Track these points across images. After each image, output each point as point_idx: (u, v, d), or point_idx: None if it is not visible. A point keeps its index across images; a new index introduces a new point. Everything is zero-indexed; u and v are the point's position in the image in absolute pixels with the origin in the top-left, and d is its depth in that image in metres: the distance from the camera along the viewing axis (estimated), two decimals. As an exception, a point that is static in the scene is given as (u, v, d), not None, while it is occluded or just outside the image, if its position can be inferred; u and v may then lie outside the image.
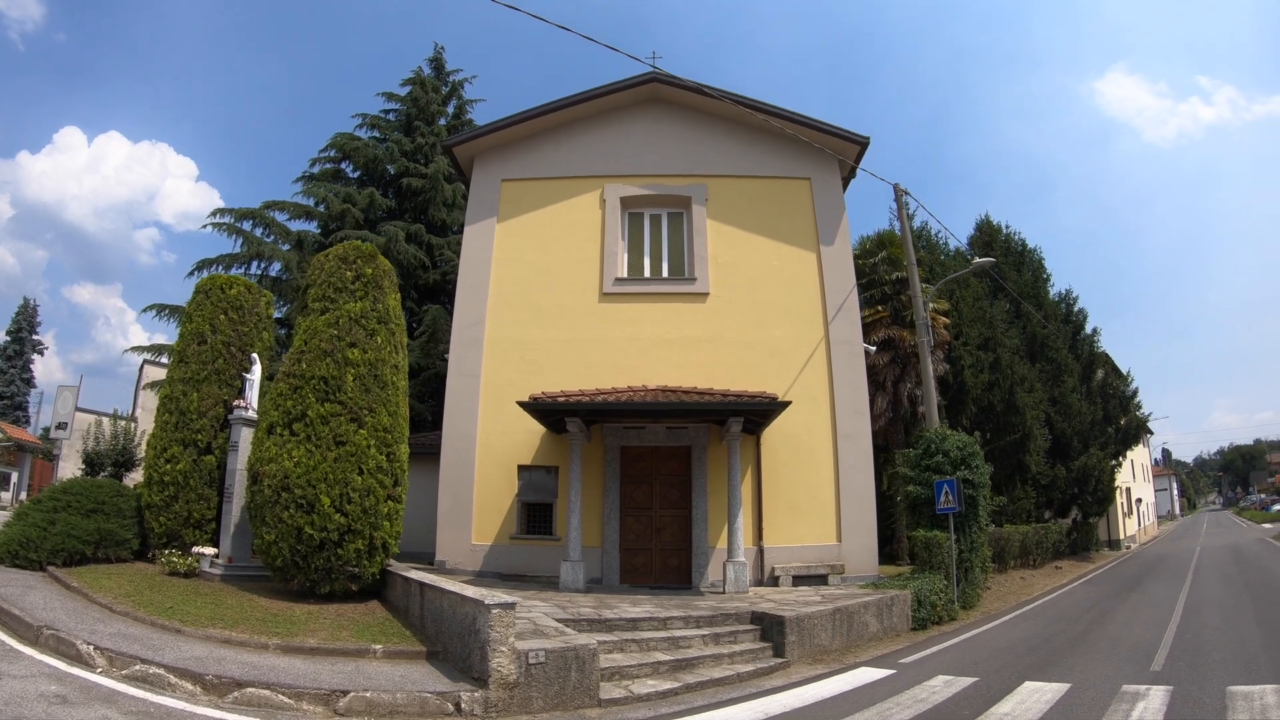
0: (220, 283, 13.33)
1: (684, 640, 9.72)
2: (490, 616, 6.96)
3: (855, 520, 15.24)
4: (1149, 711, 7.02)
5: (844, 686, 8.35)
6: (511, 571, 14.32)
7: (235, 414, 11.96)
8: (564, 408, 13.21)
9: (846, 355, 16.12)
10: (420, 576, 9.58)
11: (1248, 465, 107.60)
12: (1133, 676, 8.51)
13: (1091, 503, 24.47)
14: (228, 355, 12.68)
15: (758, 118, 16.96)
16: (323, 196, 19.88)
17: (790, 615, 10.07)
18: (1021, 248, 27.01)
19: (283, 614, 9.11)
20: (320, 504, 9.75)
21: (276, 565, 10.09)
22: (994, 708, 7.26)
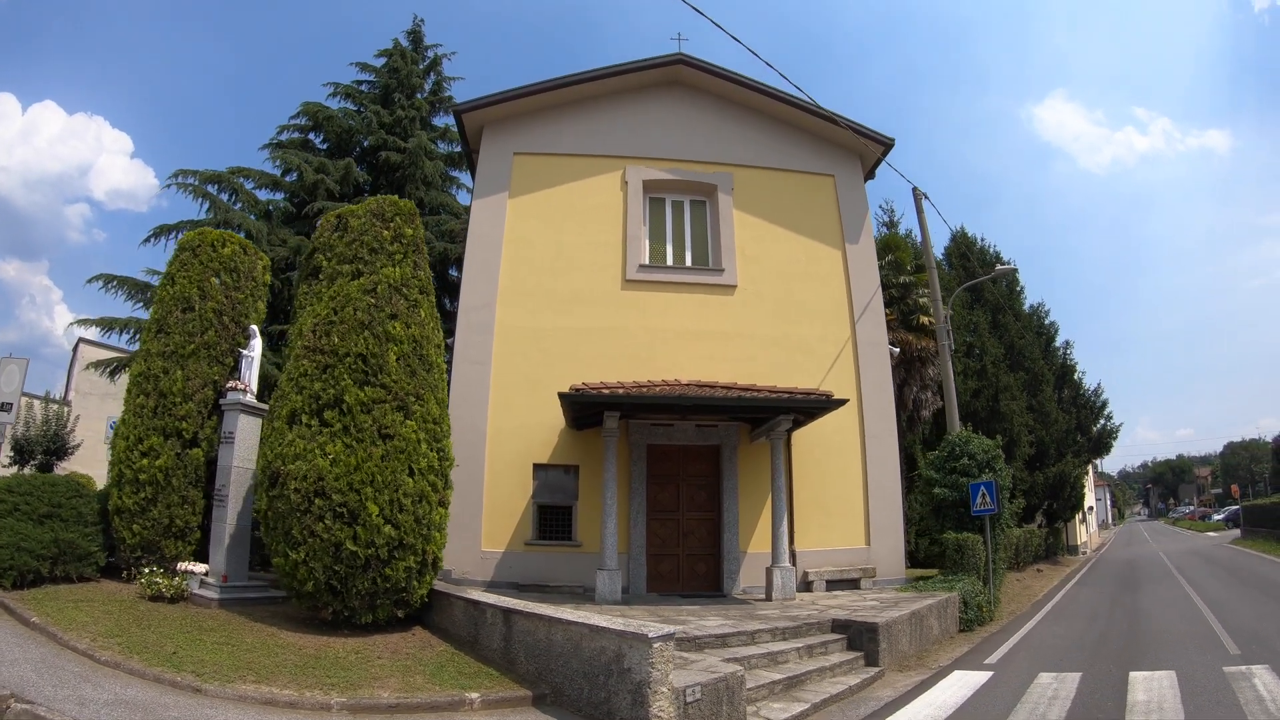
0: (211, 239, 11.30)
1: (781, 655, 8.78)
2: (652, 652, 5.81)
3: (883, 523, 14.75)
4: (1266, 687, 7.21)
5: (964, 692, 7.85)
6: (528, 581, 12.97)
7: (230, 398, 10.11)
8: (609, 400, 12.00)
9: (873, 356, 15.62)
10: (496, 600, 8.21)
11: (1177, 478, 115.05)
12: (1224, 660, 8.60)
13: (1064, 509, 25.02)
14: (219, 326, 10.80)
15: (780, 109, 16.35)
16: (295, 165, 17.89)
17: (882, 623, 9.34)
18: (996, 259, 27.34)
19: (323, 654, 7.44)
20: (366, 513, 8.13)
21: (306, 590, 8.25)
22: (1129, 698, 7.17)
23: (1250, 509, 37.01)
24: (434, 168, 19.60)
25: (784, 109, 16.29)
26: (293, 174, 18.64)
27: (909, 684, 8.44)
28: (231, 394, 10.10)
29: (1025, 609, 14.61)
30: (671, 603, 12.31)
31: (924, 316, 19.59)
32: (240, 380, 10.28)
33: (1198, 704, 6.76)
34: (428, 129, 20.67)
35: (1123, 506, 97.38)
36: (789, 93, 15.99)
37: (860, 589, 13.81)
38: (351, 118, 19.96)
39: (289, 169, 18.62)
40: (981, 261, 25.91)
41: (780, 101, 16.09)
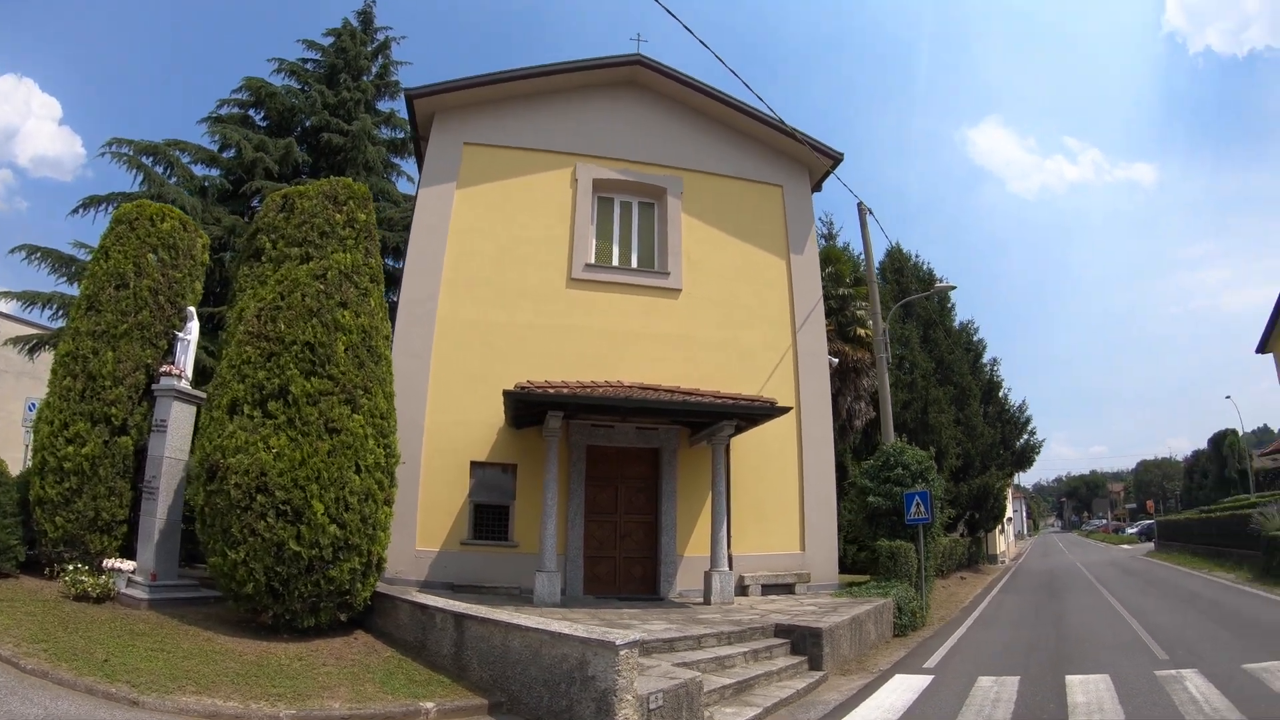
0: (150, 212, 10.66)
1: (728, 660, 8.81)
2: (618, 660, 5.71)
3: (819, 529, 15.03)
4: (1199, 689, 7.48)
5: (909, 696, 8.01)
6: (464, 582, 12.66)
7: (164, 383, 9.53)
8: (555, 400, 11.82)
9: (813, 365, 15.91)
10: (446, 604, 7.96)
11: (1091, 492, 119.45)
12: (1154, 665, 8.92)
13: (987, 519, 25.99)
14: (155, 306, 10.19)
15: (733, 117, 16.50)
16: (234, 141, 16.99)
17: (825, 627, 9.47)
18: (930, 275, 28.22)
19: (265, 661, 7.02)
20: (311, 511, 7.75)
21: (244, 592, 7.77)
22: (1069, 700, 7.38)
23: (1164, 524, 38.98)
24: (376, 153, 19.00)
25: (738, 117, 16.42)
26: (231, 150, 17.75)
27: (853, 688, 8.56)
28: (165, 379, 9.51)
29: (955, 615, 15.04)
30: (610, 605, 12.23)
31: (861, 329, 20.06)
32: (175, 365, 9.69)
33: (1135, 705, 7.03)
34: (372, 113, 19.98)
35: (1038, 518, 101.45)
36: (743, 101, 16.17)
37: (795, 594, 14.01)
38: (295, 96, 19.13)
39: (227, 145, 17.73)
40: (915, 278, 26.73)
41: (735, 109, 16.22)
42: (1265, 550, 18.59)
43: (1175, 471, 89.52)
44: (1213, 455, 60.58)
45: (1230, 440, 56.81)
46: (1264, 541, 18.71)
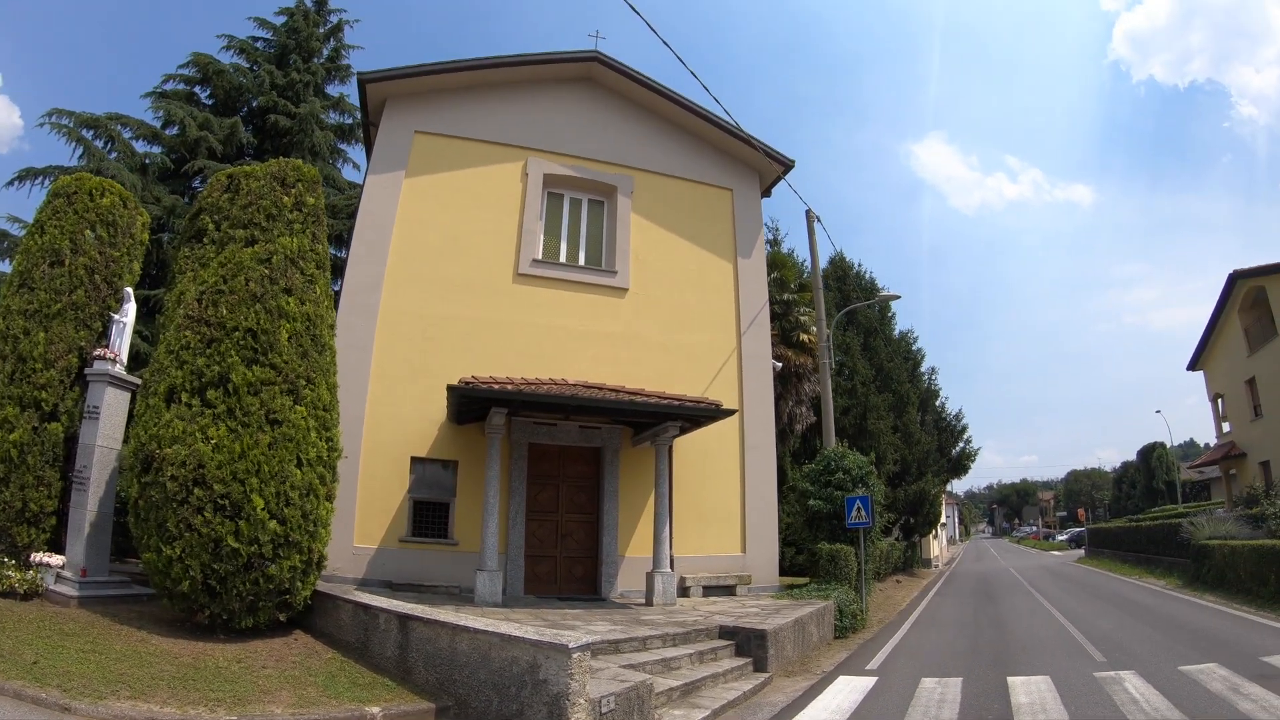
0: (89, 186, 10.10)
1: (674, 661, 8.80)
2: (570, 663, 5.64)
3: (760, 531, 15.19)
4: (1138, 690, 7.72)
5: (855, 697, 8.10)
6: (403, 580, 12.37)
7: (98, 367, 9.05)
8: (500, 396, 11.64)
9: (757, 369, 16.08)
10: (390, 604, 7.73)
11: (1021, 500, 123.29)
12: (1093, 667, 9.18)
13: (923, 524, 26.67)
14: (90, 286, 9.65)
15: (687, 119, 16.58)
16: (178, 118, 16.28)
17: (770, 629, 9.55)
18: (871, 285, 28.79)
19: (202, 663, 6.66)
20: (251, 506, 7.44)
21: (180, 590, 7.38)
22: (1012, 700, 7.54)
23: (1095, 531, 40.37)
24: (324, 138, 18.51)
25: (691, 119, 16.51)
26: (174, 127, 17.10)
27: (798, 689, 8.63)
28: (99, 363, 9.01)
29: (893, 617, 15.33)
30: (551, 606, 12.12)
31: (804, 334, 20.35)
32: (110, 348, 9.20)
33: (1078, 705, 7.23)
34: (321, 97, 19.44)
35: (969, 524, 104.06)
36: (697, 104, 16.36)
37: (736, 595, 14.13)
38: (243, 75, 18.50)
39: (171, 121, 17.06)
40: (857, 286, 27.26)
41: (689, 111, 16.32)
42: (1194, 558, 19.36)
43: (1104, 481, 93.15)
44: (1141, 467, 62.88)
45: (1159, 453, 59.22)
46: (1194, 550, 19.49)
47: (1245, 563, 15.87)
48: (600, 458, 14.34)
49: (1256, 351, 27.36)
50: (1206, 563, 18.30)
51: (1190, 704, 7.03)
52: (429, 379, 13.18)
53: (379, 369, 13.40)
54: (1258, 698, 7.13)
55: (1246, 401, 28.64)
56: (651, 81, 16.05)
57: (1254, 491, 21.58)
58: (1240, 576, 15.97)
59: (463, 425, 13.38)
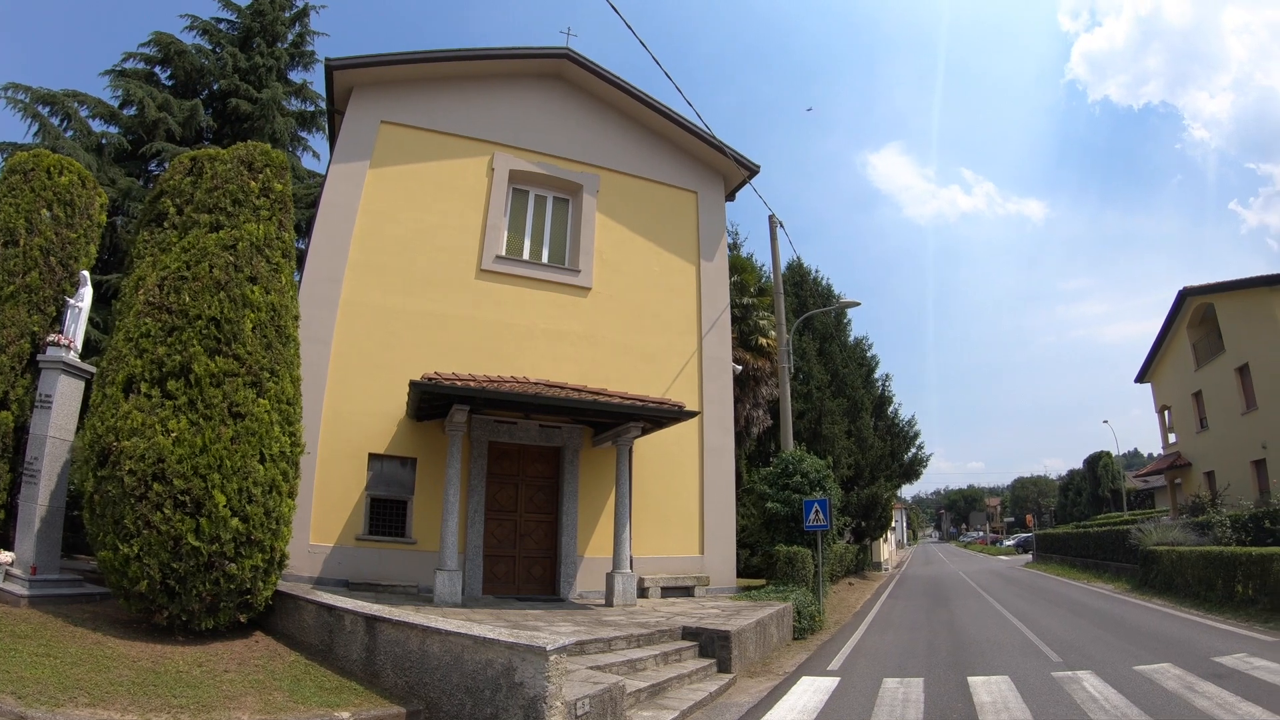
0: (47, 164, 9.63)
1: (639, 663, 8.79)
2: (548, 665, 5.60)
3: (718, 533, 15.32)
4: (1096, 689, 7.89)
5: (820, 697, 8.17)
6: (360, 579, 12.15)
7: (51, 354, 8.63)
8: (464, 393, 11.48)
9: (717, 371, 16.20)
10: (355, 605, 7.54)
11: (969, 505, 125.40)
12: (1050, 667, 9.33)
13: (875, 527, 27.13)
14: (45, 268, 9.20)
15: (655, 120, 16.64)
16: (138, 97, 15.62)
17: (734, 630, 9.62)
18: (828, 291, 29.21)
19: (162, 667, 6.37)
20: (212, 502, 7.18)
21: (137, 590, 7.06)
22: (975, 699, 7.69)
23: (1042, 536, 41.23)
24: (285, 125, 17.99)
25: (658, 120, 16.56)
26: (132, 108, 16.42)
27: (763, 689, 8.70)
28: (53, 349, 8.60)
29: (849, 619, 15.52)
30: (511, 606, 12.00)
31: (763, 338, 20.54)
32: (65, 334, 8.79)
33: (1039, 704, 7.39)
34: (284, 83, 18.91)
35: (916, 529, 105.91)
36: (666, 105, 16.39)
37: (694, 596, 14.20)
38: (206, 56, 17.84)
39: (129, 101, 16.38)
40: (814, 292, 27.64)
41: (657, 113, 16.37)
42: (1143, 563, 19.93)
43: (1050, 489, 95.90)
44: (1087, 475, 64.64)
45: (1105, 461, 61.03)
46: (1142, 555, 20.05)
47: (1193, 568, 16.44)
48: (560, 457, 14.30)
49: (1204, 366, 28.46)
50: (1154, 568, 18.88)
51: (1147, 702, 7.25)
52: (389, 374, 12.99)
53: (338, 362, 13.11)
54: (1212, 695, 7.40)
55: (1193, 414, 29.82)
56: (621, 81, 16.05)
57: (1200, 500, 22.43)
58: (1188, 581, 16.54)
59: (422, 422, 13.22)
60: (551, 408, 12.65)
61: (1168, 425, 33.49)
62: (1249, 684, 7.88)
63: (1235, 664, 8.98)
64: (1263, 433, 23.81)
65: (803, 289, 27.17)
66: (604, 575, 13.14)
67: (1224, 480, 25.64)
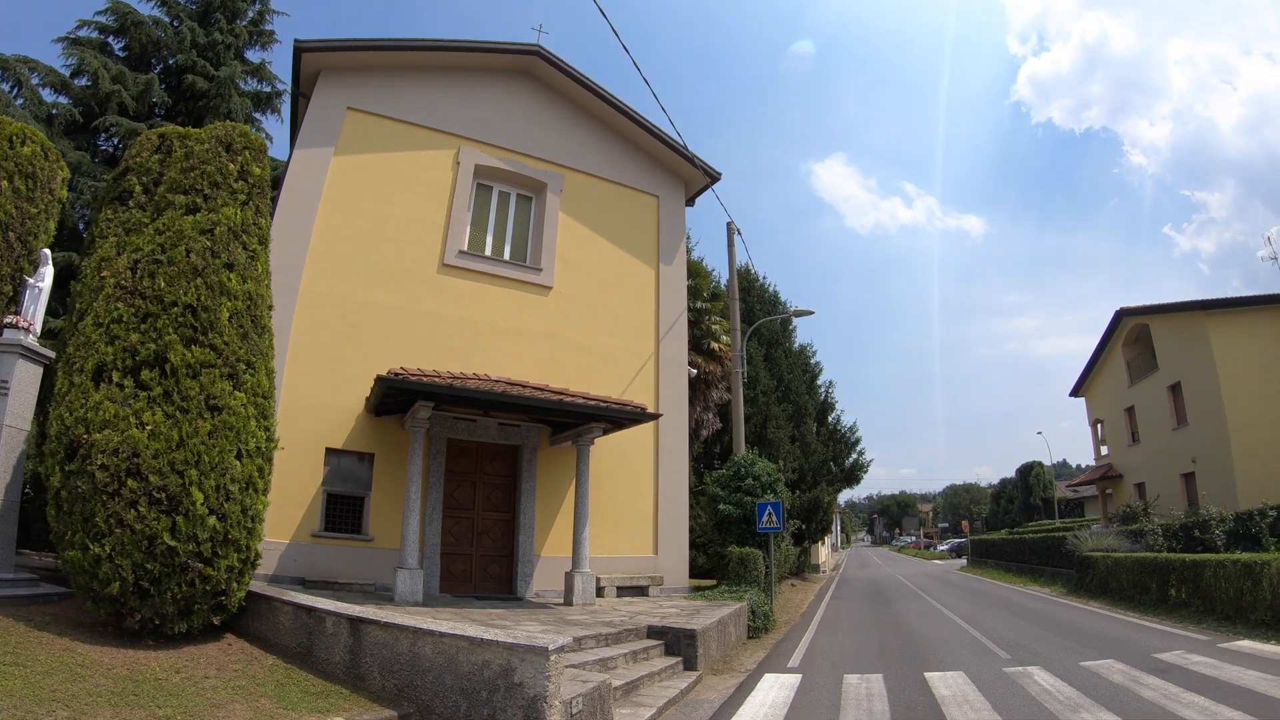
0: (10, 132, 9.06)
1: (610, 661, 8.86)
2: (548, 665, 5.65)
3: (672, 534, 15.57)
4: (1048, 683, 8.38)
5: (786, 693, 8.42)
6: (316, 577, 11.88)
7: (8, 336, 8.13)
8: (431, 389, 11.34)
9: (673, 374, 16.44)
10: (337, 606, 7.41)
11: (901, 511, 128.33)
12: (1000, 664, 9.79)
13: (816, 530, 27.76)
14: (4, 243, 8.71)
15: (620, 123, 16.80)
16: (92, 68, 14.75)
17: (699, 629, 9.83)
18: (775, 298, 29.82)
19: (138, 674, 6.04)
20: (190, 500, 6.88)
21: (108, 593, 6.70)
22: (935, 693, 8.06)
23: (977, 542, 42.64)
24: (240, 104, 17.34)
25: (624, 123, 16.70)
26: (84, 78, 15.55)
27: (729, 686, 8.91)
28: (10, 332, 8.10)
29: (797, 619, 15.88)
30: (470, 605, 11.93)
31: (714, 342, 20.86)
32: (23, 316, 8.30)
33: (997, 696, 7.80)
34: (241, 61, 18.24)
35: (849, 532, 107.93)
36: (632, 108, 16.49)
37: (649, 596, 14.39)
38: (163, 29, 17.03)
39: (81, 71, 15.50)
40: (761, 298, 28.15)
41: (623, 116, 16.53)
42: (1079, 568, 20.88)
43: (982, 496, 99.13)
44: (1019, 483, 66.73)
45: (1037, 471, 63.39)
46: (1078, 560, 21.02)
47: (1128, 573, 17.35)
48: (518, 456, 14.29)
49: (1137, 383, 29.93)
50: (1090, 572, 19.82)
51: (1097, 693, 7.74)
52: (347, 367, 12.80)
53: (296, 354, 12.74)
54: (1157, 687, 7.96)
55: (1125, 428, 31.37)
56: (590, 82, 16.12)
57: (1133, 509, 23.64)
58: (1123, 585, 17.46)
59: (380, 417, 13.00)
60: (519, 406, 12.60)
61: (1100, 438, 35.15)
62: (1189, 677, 8.46)
63: (1175, 660, 9.60)
64: (1193, 448, 25.29)
65: (750, 294, 27.63)
66: (559, 574, 13.26)
67: (1154, 491, 27.08)
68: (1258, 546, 16.01)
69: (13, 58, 14.76)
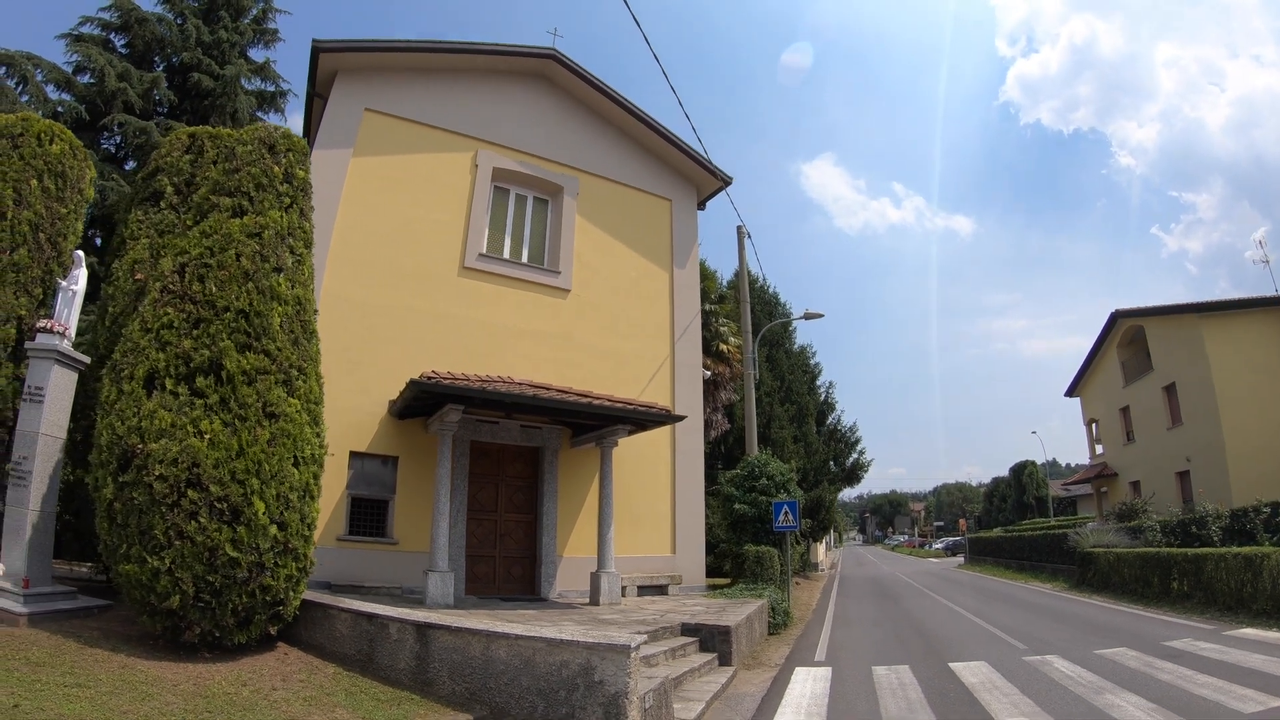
0: (37, 129, 8.83)
1: (652, 658, 8.87)
2: (628, 662, 5.78)
3: (688, 534, 15.69)
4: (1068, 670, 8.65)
5: (822, 684, 8.58)
6: (343, 581, 11.84)
7: (42, 341, 7.76)
8: (463, 392, 11.35)
9: (688, 376, 16.56)
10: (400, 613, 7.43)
11: (894, 510, 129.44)
12: (1019, 654, 10.04)
13: (818, 529, 28.01)
14: (34, 245, 8.43)
15: (633, 126, 16.89)
16: (98, 65, 14.52)
17: (734, 625, 9.97)
18: (775, 300, 30.04)
19: (205, 690, 5.86)
20: (252, 510, 6.78)
21: (167, 606, 6.54)
22: (964, 681, 8.28)
23: (975, 539, 43.04)
24: (246, 104, 17.19)
25: (637, 127, 16.80)
26: (87, 75, 15.34)
27: (764, 680, 9.03)
28: (44, 337, 7.78)
29: (810, 616, 16.00)
30: (498, 606, 11.90)
31: (723, 344, 21.01)
32: (57, 319, 8.04)
33: (1023, 682, 8.05)
34: (245, 59, 18.09)
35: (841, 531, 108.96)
36: (646, 113, 16.60)
37: (669, 595, 14.51)
38: (167, 26, 16.84)
39: (86, 68, 15.28)
40: (761, 299, 28.29)
41: (637, 120, 16.62)
42: (1080, 564, 21.24)
43: (974, 495, 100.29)
44: (1012, 482, 67.67)
45: (1030, 470, 64.23)
46: (1079, 556, 21.39)
47: (1130, 567, 17.75)
48: (540, 457, 14.33)
49: (1132, 383, 30.46)
50: (1092, 568, 20.19)
51: (1116, 677, 8.10)
52: (368, 370, 12.77)
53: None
54: (1171, 670, 8.36)
55: (1120, 427, 31.91)
56: (605, 86, 16.19)
57: (1131, 505, 24.03)
58: (1125, 579, 17.84)
59: (403, 420, 12.98)
60: (546, 409, 12.63)
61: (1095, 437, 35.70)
62: (1200, 661, 8.89)
63: (1184, 646, 9.96)
64: (1187, 447, 25.84)
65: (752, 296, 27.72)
66: (581, 575, 13.36)
67: (1149, 489, 27.54)
68: (1252, 542, 16.36)
69: (17, 53, 14.51)
